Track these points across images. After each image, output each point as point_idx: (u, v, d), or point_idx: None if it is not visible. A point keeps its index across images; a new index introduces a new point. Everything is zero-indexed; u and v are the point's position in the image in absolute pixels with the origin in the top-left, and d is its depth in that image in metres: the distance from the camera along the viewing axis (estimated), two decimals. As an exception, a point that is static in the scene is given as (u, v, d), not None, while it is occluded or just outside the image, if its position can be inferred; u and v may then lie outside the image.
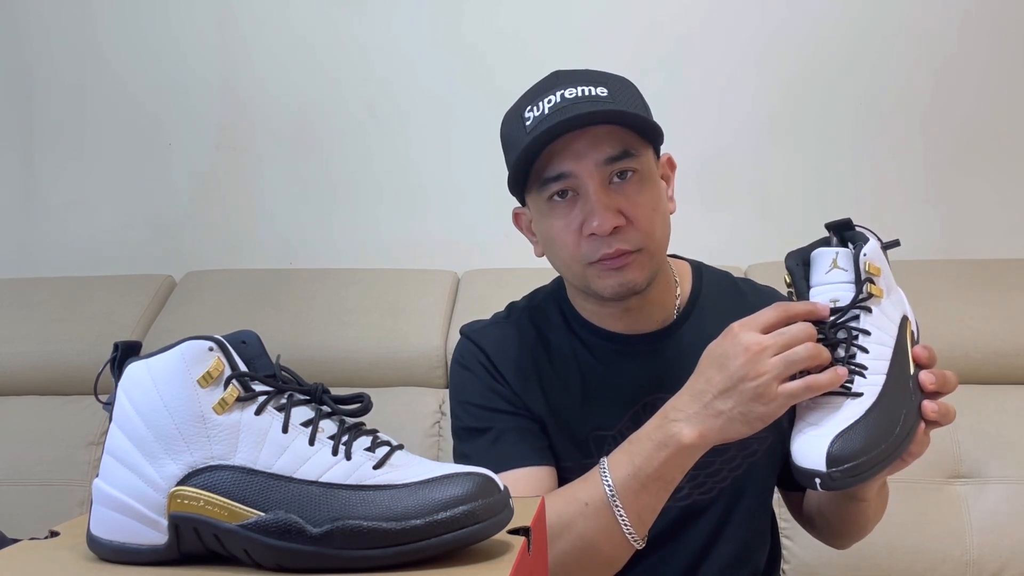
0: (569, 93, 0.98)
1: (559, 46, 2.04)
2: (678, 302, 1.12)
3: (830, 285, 0.89)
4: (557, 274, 1.19)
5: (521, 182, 1.03)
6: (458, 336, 1.17)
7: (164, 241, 2.16)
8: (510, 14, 2.07)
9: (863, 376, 0.84)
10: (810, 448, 0.82)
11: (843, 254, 0.89)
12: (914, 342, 0.90)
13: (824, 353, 0.85)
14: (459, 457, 1.09)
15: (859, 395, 0.83)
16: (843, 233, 0.92)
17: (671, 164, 1.10)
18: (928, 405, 0.86)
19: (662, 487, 0.92)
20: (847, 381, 0.85)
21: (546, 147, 0.97)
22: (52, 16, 2.15)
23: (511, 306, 1.18)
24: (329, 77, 2.12)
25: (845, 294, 0.88)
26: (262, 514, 0.60)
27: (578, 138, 0.97)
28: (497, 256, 2.04)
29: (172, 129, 2.15)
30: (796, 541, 1.56)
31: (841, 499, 1.05)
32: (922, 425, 0.86)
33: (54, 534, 0.70)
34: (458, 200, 2.11)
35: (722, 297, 1.14)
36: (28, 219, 2.19)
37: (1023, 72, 2.02)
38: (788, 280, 0.93)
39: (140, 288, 1.99)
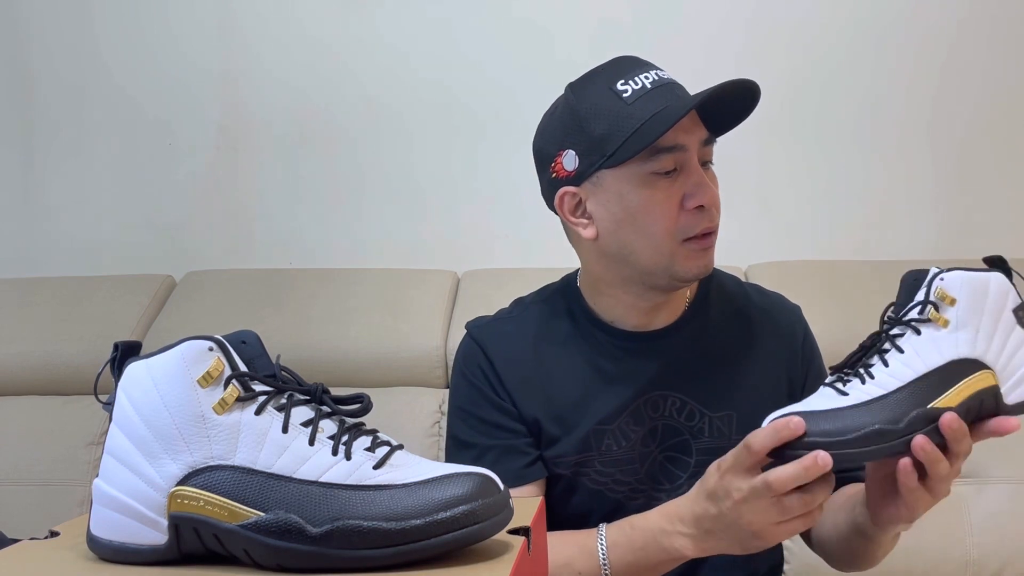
0: (662, 74, 1.02)
1: (557, 46, 2.04)
2: (687, 301, 1.13)
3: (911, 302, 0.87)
4: (556, 275, 1.20)
5: (624, 153, 1.00)
6: (458, 336, 1.18)
7: (164, 241, 2.16)
8: (510, 13, 2.07)
9: (863, 382, 0.83)
10: (771, 416, 0.83)
11: (932, 276, 0.87)
12: (991, 409, 0.85)
13: (818, 498, 0.83)
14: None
15: (845, 395, 0.83)
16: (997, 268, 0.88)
17: None
18: (920, 441, 0.81)
19: (654, 572, 0.98)
20: (843, 379, 0.84)
21: (682, 117, 0.97)
22: (52, 16, 2.15)
23: (517, 301, 1.19)
24: (329, 77, 2.12)
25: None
26: (262, 514, 0.60)
27: (689, 116, 0.99)
28: (497, 256, 2.04)
29: (172, 129, 2.15)
30: (796, 541, 1.55)
31: (852, 531, 1.02)
32: (906, 462, 0.82)
33: (54, 534, 0.70)
34: (458, 200, 2.11)
35: (729, 300, 1.15)
36: (28, 219, 2.19)
37: (1023, 72, 2.02)
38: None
39: (140, 288, 1.99)
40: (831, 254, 1.98)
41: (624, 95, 1.00)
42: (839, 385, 0.84)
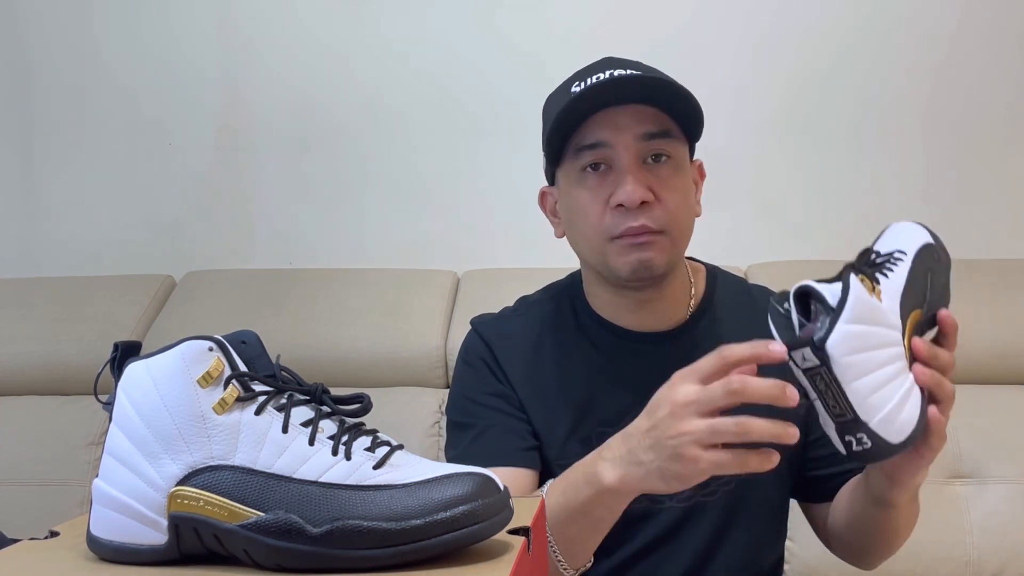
0: (619, 73, 0.99)
1: (556, 46, 2.04)
2: (691, 304, 1.12)
3: None
4: (556, 275, 1.20)
5: (557, 150, 1.03)
6: (458, 336, 1.18)
7: (164, 241, 2.16)
8: (510, 13, 2.07)
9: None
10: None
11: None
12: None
13: (756, 429, 0.77)
14: (446, 449, 1.11)
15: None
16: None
17: (701, 172, 1.11)
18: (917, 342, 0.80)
19: (588, 524, 0.89)
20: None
21: (588, 116, 0.98)
22: (52, 16, 2.15)
23: (522, 300, 1.19)
24: (329, 76, 2.12)
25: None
26: (262, 514, 0.60)
27: (622, 112, 0.99)
28: (497, 256, 2.04)
29: (172, 129, 2.15)
30: (797, 541, 1.56)
31: (871, 505, 0.99)
32: (932, 409, 0.84)
33: (54, 534, 0.70)
34: (458, 200, 2.11)
35: (735, 302, 1.14)
36: (28, 219, 2.19)
37: (1022, 71, 2.02)
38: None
39: (140, 288, 1.99)
40: (831, 254, 1.97)
41: (573, 93, 0.99)
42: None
